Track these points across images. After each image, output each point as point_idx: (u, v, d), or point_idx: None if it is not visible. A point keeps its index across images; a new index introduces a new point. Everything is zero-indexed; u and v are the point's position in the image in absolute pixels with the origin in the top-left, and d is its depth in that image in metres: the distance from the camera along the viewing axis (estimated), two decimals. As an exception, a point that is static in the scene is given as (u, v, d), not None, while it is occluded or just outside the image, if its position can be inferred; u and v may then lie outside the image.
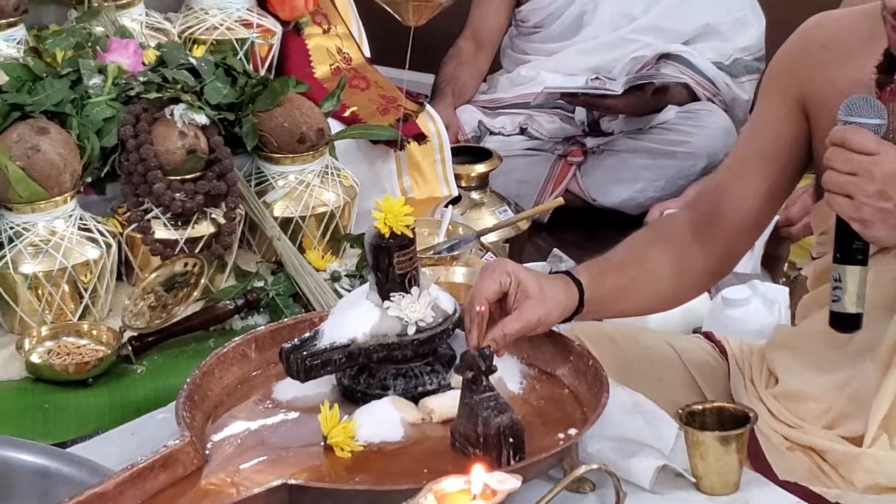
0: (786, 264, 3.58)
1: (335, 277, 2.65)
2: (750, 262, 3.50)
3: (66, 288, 2.49)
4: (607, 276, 2.34)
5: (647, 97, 4.29)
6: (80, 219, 2.52)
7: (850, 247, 2.17)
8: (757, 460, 2.32)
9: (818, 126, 2.33)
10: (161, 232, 2.57)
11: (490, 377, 1.91)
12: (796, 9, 2.64)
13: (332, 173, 2.75)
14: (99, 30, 2.73)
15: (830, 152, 2.15)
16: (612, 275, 2.36)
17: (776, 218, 3.47)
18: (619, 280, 2.36)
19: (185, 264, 2.54)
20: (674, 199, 4.10)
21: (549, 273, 2.31)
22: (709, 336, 2.64)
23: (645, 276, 2.41)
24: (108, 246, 2.53)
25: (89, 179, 2.59)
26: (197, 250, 2.57)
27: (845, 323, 2.20)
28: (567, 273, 2.27)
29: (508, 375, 2.08)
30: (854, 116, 2.15)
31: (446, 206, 3.01)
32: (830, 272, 2.20)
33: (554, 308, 2.19)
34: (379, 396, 2.01)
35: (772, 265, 3.57)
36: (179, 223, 2.58)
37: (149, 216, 2.57)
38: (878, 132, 2.15)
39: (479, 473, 1.68)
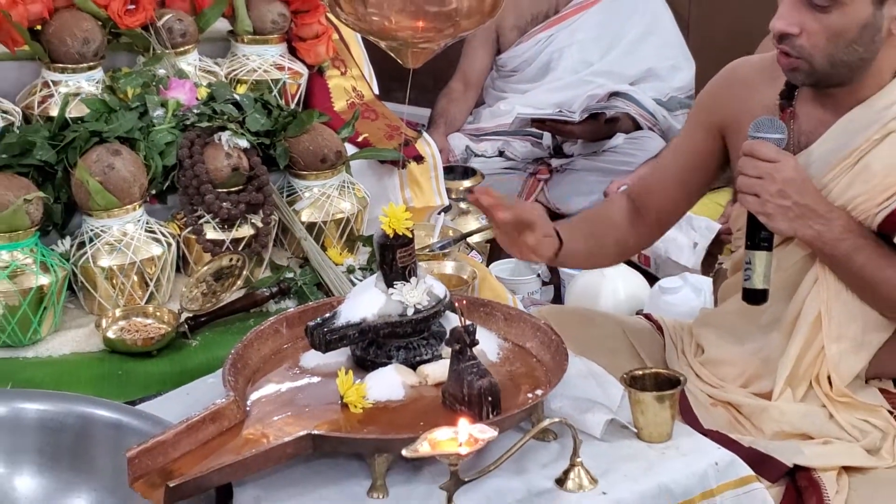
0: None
1: (350, 270, 2.65)
2: (692, 257, 3.51)
3: (136, 278, 2.49)
4: (575, 231, 2.47)
5: (600, 125, 4.29)
6: (147, 223, 2.52)
7: (758, 236, 2.20)
8: (686, 413, 2.32)
9: (734, 145, 2.35)
10: (211, 233, 2.57)
11: (473, 349, 1.91)
12: (719, 57, 2.64)
13: (347, 187, 2.74)
14: (161, 72, 2.72)
15: (742, 161, 2.18)
16: (578, 234, 2.48)
17: (719, 226, 3.50)
18: (582, 239, 2.48)
19: (231, 259, 2.54)
20: (628, 176, 4.11)
21: None
22: (648, 316, 2.64)
23: (596, 240, 2.53)
24: (169, 245, 2.53)
25: (154, 191, 2.58)
26: (240, 248, 2.57)
27: (754, 297, 2.23)
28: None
29: (488, 347, 2.08)
30: (761, 133, 2.18)
31: (439, 213, 3.00)
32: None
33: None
34: (385, 364, 2.02)
35: (706, 261, 3.59)
36: (226, 226, 2.57)
37: (201, 221, 2.57)
38: (779, 145, 2.17)
39: (465, 425, 1.69)
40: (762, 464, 2.14)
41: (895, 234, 2.18)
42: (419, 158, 2.95)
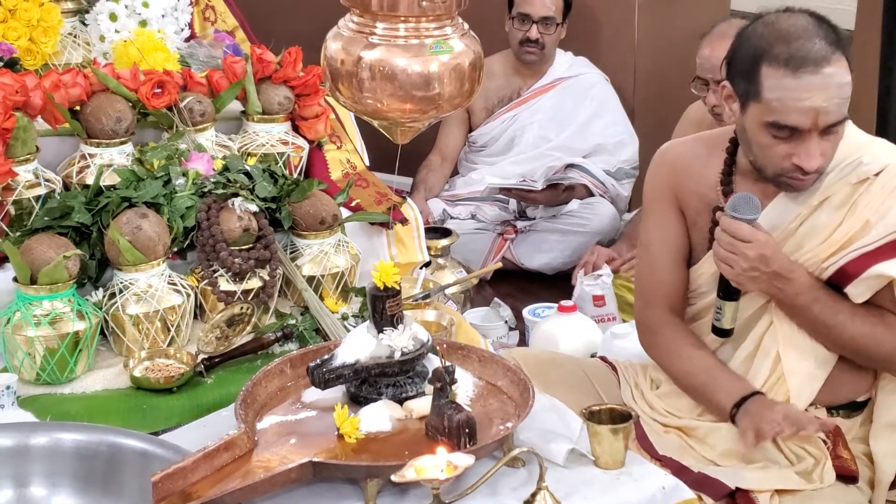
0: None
1: (344, 317, 2.63)
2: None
3: (159, 324, 2.46)
4: None
5: (558, 193, 4.31)
6: (169, 276, 2.50)
7: (729, 290, 2.26)
8: (642, 440, 2.31)
9: (691, 218, 2.38)
10: (224, 285, 2.54)
11: (452, 387, 1.89)
12: (658, 135, 2.65)
13: (342, 245, 2.73)
14: (183, 146, 2.71)
15: (719, 234, 2.22)
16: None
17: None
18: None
19: (241, 308, 2.51)
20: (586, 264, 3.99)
21: None
22: (604, 359, 2.63)
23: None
24: (188, 295, 2.51)
25: (175, 249, 2.56)
26: (249, 298, 2.55)
27: (722, 333, 2.30)
28: None
29: (465, 385, 2.06)
30: (738, 213, 2.21)
31: (421, 268, 2.99)
32: (714, 303, 2.28)
33: None
34: (375, 400, 2.00)
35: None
36: (237, 279, 2.55)
37: (216, 274, 2.54)
38: (752, 222, 2.18)
39: (445, 454, 1.67)
40: (709, 485, 2.15)
41: (845, 285, 2.21)
42: (404, 221, 2.94)
